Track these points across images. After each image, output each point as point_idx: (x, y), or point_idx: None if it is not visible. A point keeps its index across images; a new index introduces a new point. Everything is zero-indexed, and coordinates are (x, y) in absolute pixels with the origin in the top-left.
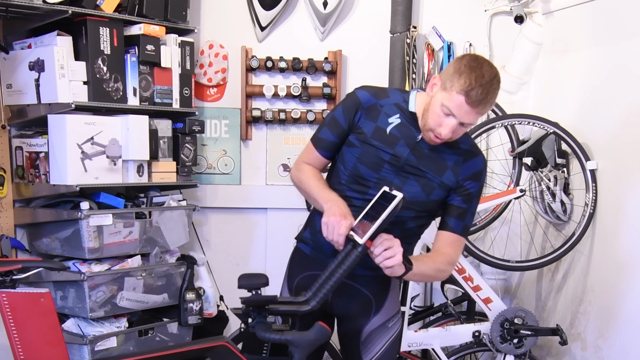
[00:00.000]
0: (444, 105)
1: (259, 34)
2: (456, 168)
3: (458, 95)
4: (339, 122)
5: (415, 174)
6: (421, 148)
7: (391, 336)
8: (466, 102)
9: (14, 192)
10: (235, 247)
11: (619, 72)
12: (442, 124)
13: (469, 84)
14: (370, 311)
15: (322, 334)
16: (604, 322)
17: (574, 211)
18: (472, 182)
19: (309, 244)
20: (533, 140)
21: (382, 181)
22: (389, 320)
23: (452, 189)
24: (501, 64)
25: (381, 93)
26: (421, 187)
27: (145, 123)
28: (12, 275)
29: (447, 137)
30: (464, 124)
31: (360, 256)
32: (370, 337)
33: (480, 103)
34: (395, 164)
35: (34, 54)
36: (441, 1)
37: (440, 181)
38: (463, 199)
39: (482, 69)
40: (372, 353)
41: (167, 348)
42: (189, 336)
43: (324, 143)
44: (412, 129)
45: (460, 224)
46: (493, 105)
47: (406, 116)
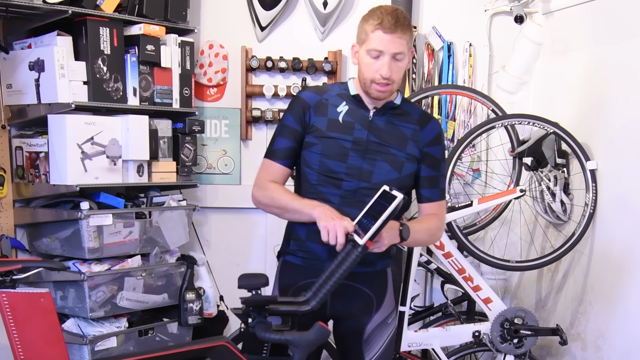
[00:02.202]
0: (369, 51)
1: (259, 34)
2: (416, 137)
3: (374, 33)
4: (291, 127)
5: (381, 152)
6: (377, 125)
7: (390, 332)
8: (384, 32)
9: (14, 192)
10: (235, 247)
11: (619, 72)
12: (378, 67)
13: (377, 18)
14: (372, 309)
15: (322, 334)
16: (604, 322)
17: (574, 211)
18: (434, 147)
19: (297, 254)
20: (533, 140)
21: (352, 169)
22: (389, 316)
23: (419, 160)
24: (501, 64)
25: (322, 89)
26: (390, 164)
27: (145, 123)
28: (12, 275)
29: (388, 75)
30: (396, 57)
31: (361, 256)
32: (372, 335)
33: (396, 26)
34: (359, 149)
35: (34, 54)
36: (441, 1)
37: (406, 153)
38: (431, 167)
39: (380, 6)
40: (374, 351)
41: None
42: (189, 336)
43: (281, 152)
44: (361, 111)
45: (436, 190)
46: (411, 34)
47: (351, 101)
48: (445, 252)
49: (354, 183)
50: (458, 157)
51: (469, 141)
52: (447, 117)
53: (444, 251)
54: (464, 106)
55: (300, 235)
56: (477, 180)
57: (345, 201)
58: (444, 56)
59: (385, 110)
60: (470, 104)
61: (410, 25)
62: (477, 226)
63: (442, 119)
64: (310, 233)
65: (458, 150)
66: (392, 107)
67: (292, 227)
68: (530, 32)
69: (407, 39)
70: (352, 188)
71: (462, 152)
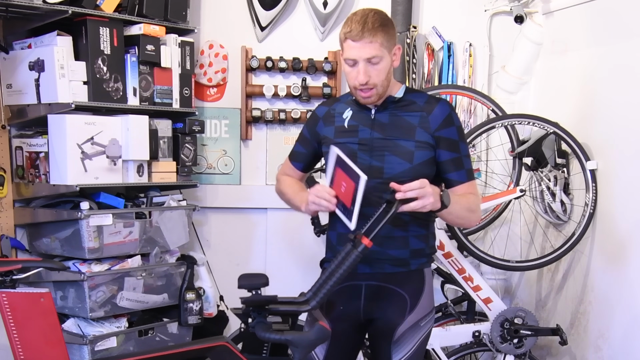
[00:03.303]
0: (346, 60)
1: (259, 34)
2: (424, 124)
3: (345, 43)
4: (304, 135)
5: (388, 147)
6: (381, 122)
7: (422, 335)
8: (352, 41)
9: (14, 192)
10: (235, 247)
11: (619, 72)
12: (355, 75)
13: (347, 27)
14: (405, 310)
15: (322, 334)
16: (604, 322)
17: (574, 211)
18: (447, 129)
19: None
20: (533, 140)
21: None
22: (422, 319)
23: (434, 146)
24: (501, 64)
25: (334, 100)
26: (399, 156)
27: (145, 123)
28: (12, 275)
29: (364, 80)
30: (371, 61)
31: (361, 256)
32: (403, 336)
33: (363, 32)
34: (365, 148)
35: (34, 54)
36: (441, 1)
37: (415, 142)
38: (449, 149)
39: (355, 13)
40: (402, 353)
41: (167, 348)
42: (189, 336)
43: (295, 155)
44: (364, 112)
45: (462, 172)
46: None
47: (355, 105)
48: (445, 252)
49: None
50: None
51: (469, 141)
52: None
53: (444, 251)
54: (464, 106)
55: (332, 241)
56: (477, 180)
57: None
58: (444, 56)
59: (387, 105)
60: (470, 104)
61: (383, 25)
62: (477, 226)
63: None
64: (340, 238)
65: None
66: (393, 102)
67: (327, 235)
68: (530, 32)
69: (380, 41)
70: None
71: None
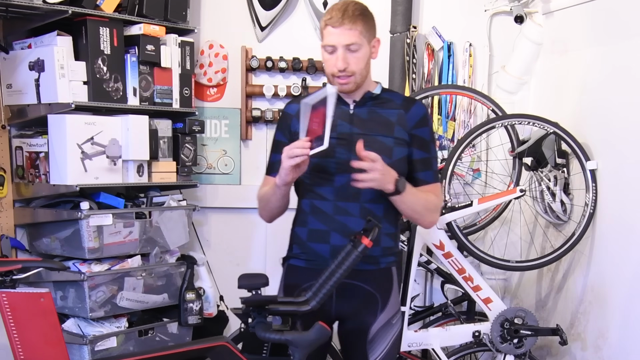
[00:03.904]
0: (325, 47)
1: (259, 34)
2: (402, 121)
3: (325, 30)
4: (280, 140)
5: (368, 142)
6: (360, 117)
7: (395, 333)
8: (332, 27)
9: (14, 192)
10: (235, 247)
11: (618, 72)
12: (334, 62)
13: (327, 14)
14: (377, 309)
15: (322, 334)
16: (604, 322)
17: (574, 211)
18: (422, 129)
19: (301, 257)
20: (533, 140)
21: (341, 163)
22: (393, 317)
23: (409, 143)
24: (501, 64)
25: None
26: (379, 151)
27: (145, 123)
28: (12, 275)
29: (343, 66)
30: (350, 48)
31: (361, 256)
32: (377, 335)
33: (343, 18)
34: (344, 143)
35: (34, 54)
36: (441, 1)
37: (394, 138)
38: (421, 149)
39: (335, 3)
40: (378, 352)
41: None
42: (189, 336)
43: (275, 166)
44: (341, 107)
45: (430, 172)
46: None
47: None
48: (445, 252)
49: (346, 177)
50: (458, 157)
51: (469, 141)
52: (447, 117)
53: (444, 251)
54: (464, 106)
55: (302, 237)
56: (477, 180)
57: (340, 196)
58: (444, 56)
59: (365, 101)
60: (470, 104)
61: (363, 14)
62: (477, 226)
63: (442, 119)
64: (312, 234)
65: (458, 150)
66: (372, 98)
67: (293, 231)
68: (530, 32)
69: (360, 29)
70: (344, 182)
71: (462, 152)
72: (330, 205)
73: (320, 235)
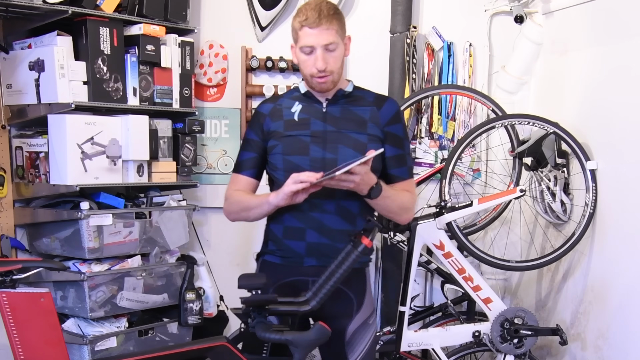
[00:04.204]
0: (302, 48)
1: (259, 34)
2: (375, 118)
3: (302, 31)
4: (251, 139)
5: (341, 139)
6: (333, 115)
7: (372, 333)
8: (310, 28)
9: (14, 192)
10: (235, 247)
11: (619, 72)
12: (313, 62)
13: (302, 15)
14: (353, 310)
15: (322, 333)
16: (604, 322)
17: (574, 211)
18: (395, 126)
19: (276, 254)
20: (533, 140)
21: (315, 161)
22: (370, 317)
23: (383, 140)
24: (501, 64)
25: (277, 97)
26: (353, 149)
27: (145, 123)
28: (12, 275)
29: (323, 67)
30: (328, 48)
31: (361, 256)
32: (354, 336)
33: (320, 19)
34: (318, 140)
35: (34, 54)
36: (441, 1)
37: (367, 134)
38: (395, 146)
39: (307, 3)
40: (357, 353)
41: (167, 348)
42: (189, 336)
43: (245, 164)
44: (314, 105)
45: (404, 169)
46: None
47: (303, 99)
48: (445, 252)
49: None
50: (458, 157)
51: (469, 141)
52: (447, 117)
53: (444, 251)
54: (464, 106)
55: (277, 234)
56: (477, 180)
57: (315, 193)
58: (444, 56)
59: (338, 99)
60: (470, 104)
61: (337, 13)
62: (477, 226)
63: (442, 119)
64: (287, 231)
65: (458, 150)
66: (345, 95)
67: (269, 228)
68: (530, 32)
69: (336, 28)
70: None
71: (462, 152)
72: (305, 202)
73: (295, 233)
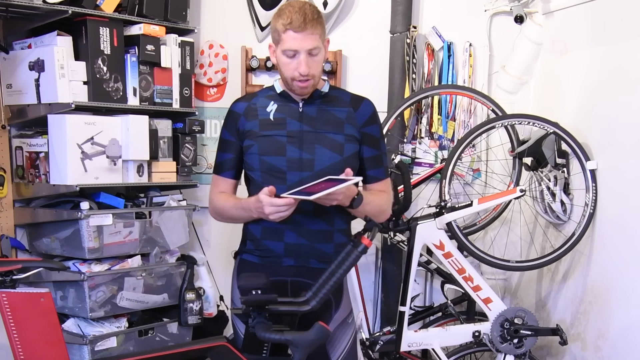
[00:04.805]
0: (284, 52)
1: (259, 34)
2: (351, 119)
3: (285, 34)
4: (227, 139)
5: (318, 140)
6: (309, 115)
7: (352, 332)
8: (294, 32)
9: (14, 192)
10: (235, 247)
11: (619, 72)
12: (295, 66)
13: (287, 17)
14: (331, 309)
15: (322, 333)
16: (604, 322)
17: (574, 211)
18: (372, 126)
19: (254, 253)
20: (533, 140)
21: (292, 161)
22: (348, 316)
23: (359, 141)
24: (501, 64)
25: (251, 96)
26: (330, 149)
27: (145, 123)
28: (12, 275)
29: (307, 72)
30: (311, 52)
31: (360, 256)
32: (335, 335)
33: (305, 23)
34: (295, 141)
35: (34, 54)
36: (441, 1)
37: (344, 134)
38: (372, 146)
39: (289, 5)
40: (339, 352)
41: (167, 348)
42: (189, 336)
43: (223, 165)
44: (290, 105)
45: (381, 169)
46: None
47: (279, 99)
48: (445, 252)
49: (298, 174)
50: (458, 157)
51: (469, 141)
52: (447, 117)
53: (444, 251)
54: (464, 106)
55: (256, 234)
56: (477, 180)
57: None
58: (444, 56)
59: (314, 99)
60: (470, 104)
61: (320, 17)
62: (477, 226)
63: (442, 119)
64: (265, 232)
65: (458, 150)
66: (321, 96)
67: (246, 228)
68: (530, 32)
69: (319, 33)
70: (296, 179)
71: (462, 152)
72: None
73: (274, 233)
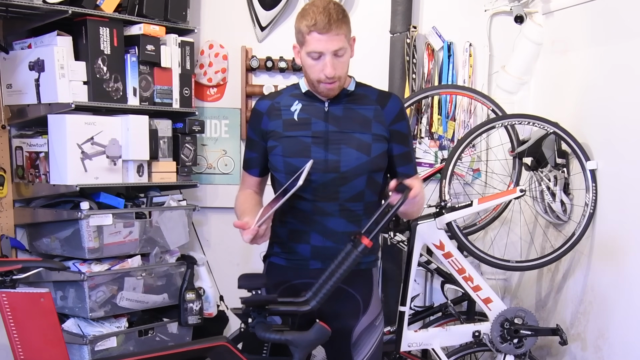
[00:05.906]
0: (310, 53)
1: (259, 34)
2: (379, 117)
3: (310, 35)
4: (252, 138)
5: (344, 140)
6: (335, 115)
7: (378, 334)
8: (319, 33)
9: (14, 192)
10: (235, 247)
11: (618, 72)
12: (321, 68)
13: (311, 19)
14: (359, 311)
15: (322, 333)
16: (604, 322)
17: (574, 211)
18: (400, 123)
19: (281, 256)
20: (533, 140)
21: (317, 163)
22: (376, 319)
23: (388, 139)
24: (501, 64)
25: (275, 94)
26: (357, 149)
27: (145, 123)
28: (12, 275)
29: (333, 74)
30: (337, 53)
31: (361, 256)
32: (360, 338)
33: (330, 24)
34: (320, 141)
35: (34, 54)
36: (441, 1)
37: (372, 134)
38: (401, 143)
39: (313, 5)
40: (363, 354)
41: (167, 348)
42: (189, 336)
43: (249, 162)
44: (316, 105)
45: (411, 165)
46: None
47: (304, 98)
48: (445, 252)
49: (323, 176)
50: (458, 157)
51: (469, 141)
52: (447, 117)
53: (444, 251)
54: (464, 106)
55: (282, 237)
56: (477, 180)
57: (319, 196)
58: (444, 56)
59: (340, 98)
60: (470, 104)
61: (345, 16)
62: (477, 226)
63: (442, 119)
64: (292, 234)
65: (458, 150)
66: (347, 94)
67: (274, 230)
68: (530, 32)
69: (345, 33)
70: (322, 181)
71: (462, 152)
72: (309, 205)
73: (300, 236)
